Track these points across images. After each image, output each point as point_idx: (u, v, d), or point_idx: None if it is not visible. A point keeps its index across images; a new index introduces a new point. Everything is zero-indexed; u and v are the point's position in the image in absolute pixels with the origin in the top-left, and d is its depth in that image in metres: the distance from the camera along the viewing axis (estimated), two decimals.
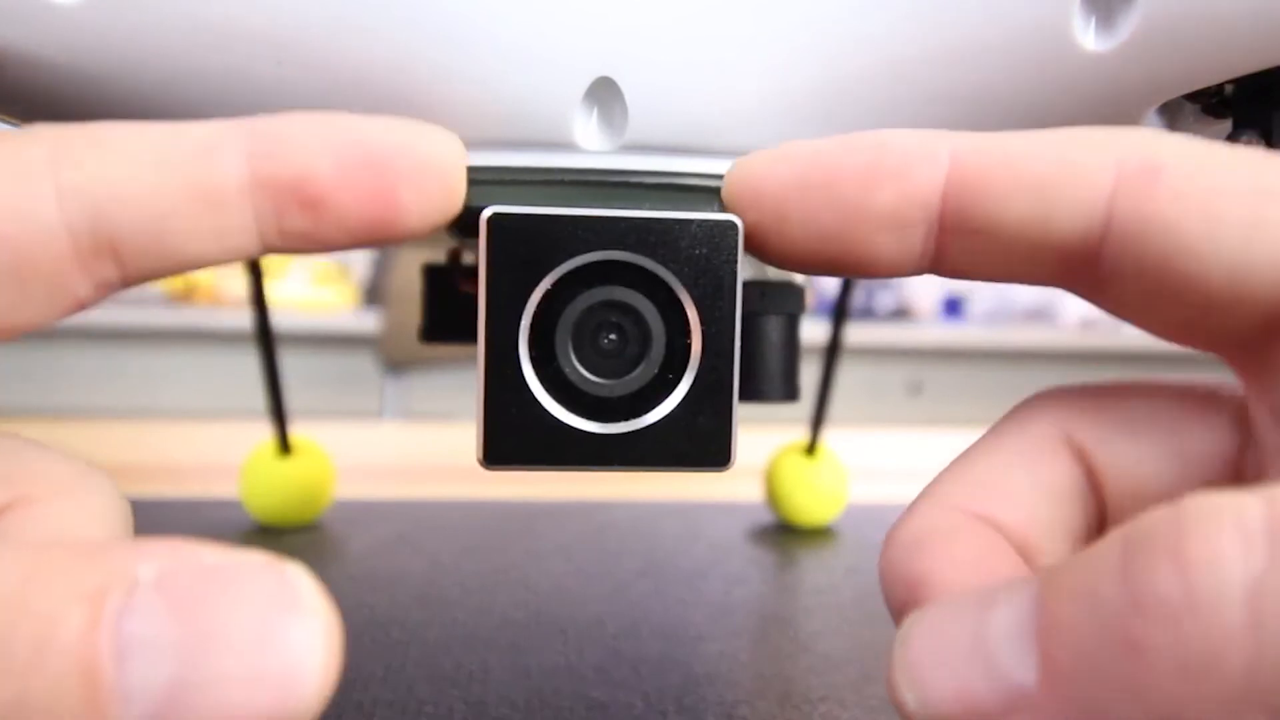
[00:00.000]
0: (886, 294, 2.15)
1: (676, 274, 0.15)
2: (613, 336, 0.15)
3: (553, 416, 0.15)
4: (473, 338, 0.15)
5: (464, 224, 0.20)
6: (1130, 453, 0.14)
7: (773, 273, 0.21)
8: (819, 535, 0.45)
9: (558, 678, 0.28)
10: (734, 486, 0.52)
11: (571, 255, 0.14)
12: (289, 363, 0.43)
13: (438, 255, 0.26)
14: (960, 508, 0.14)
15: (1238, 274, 0.12)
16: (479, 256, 0.14)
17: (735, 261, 0.15)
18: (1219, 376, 0.15)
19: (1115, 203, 0.13)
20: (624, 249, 0.15)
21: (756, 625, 0.33)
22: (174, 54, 0.16)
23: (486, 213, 0.14)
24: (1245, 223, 0.12)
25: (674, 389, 0.15)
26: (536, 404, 0.15)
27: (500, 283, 0.14)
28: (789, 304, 0.22)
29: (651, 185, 0.17)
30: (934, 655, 0.12)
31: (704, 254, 0.15)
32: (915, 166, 0.14)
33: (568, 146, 0.17)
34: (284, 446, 0.44)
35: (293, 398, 0.44)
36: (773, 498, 0.47)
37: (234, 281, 2.00)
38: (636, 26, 0.15)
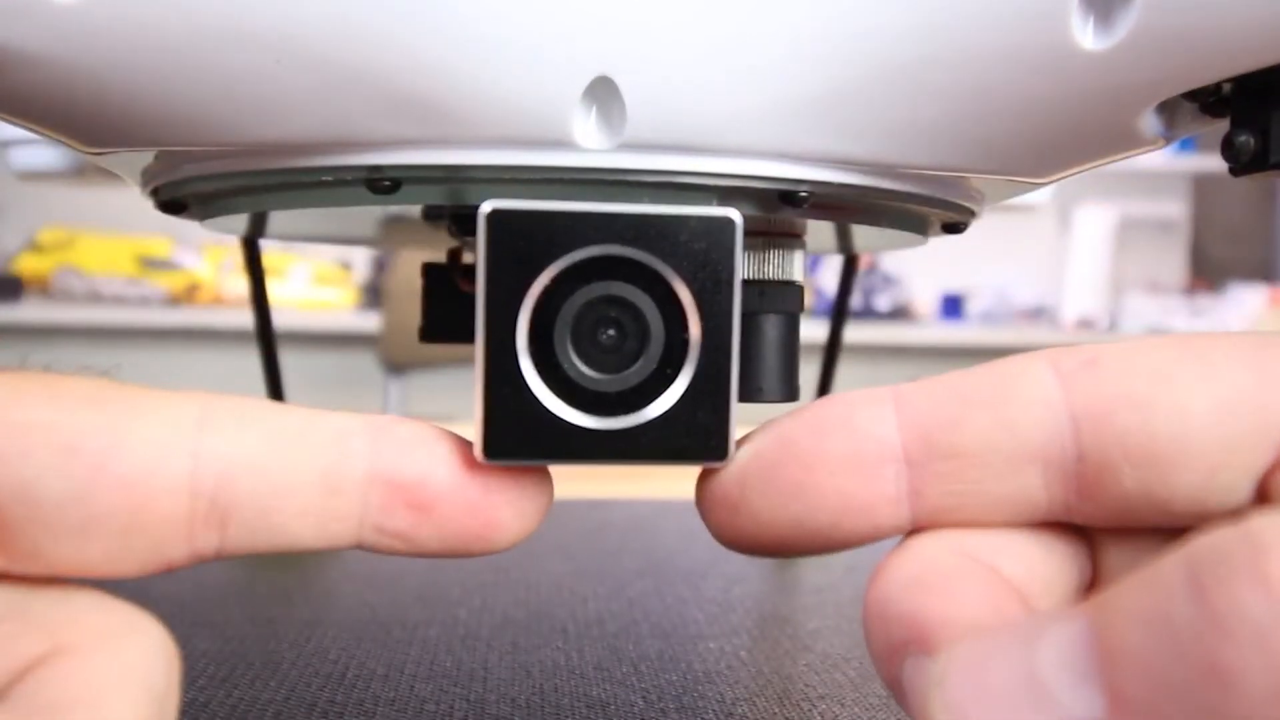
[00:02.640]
0: (885, 294, 2.15)
1: (675, 269, 0.15)
2: (611, 331, 0.15)
3: (551, 412, 0.15)
4: (472, 337, 0.15)
5: (463, 223, 0.20)
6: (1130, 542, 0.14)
7: (772, 272, 0.21)
8: None
9: (558, 676, 0.28)
10: None
11: (570, 250, 0.14)
12: (291, 363, 0.43)
13: (438, 255, 0.26)
14: (962, 552, 0.14)
15: (1224, 431, 0.12)
16: (478, 251, 0.14)
17: (734, 256, 0.15)
18: None
19: (1070, 391, 0.13)
20: (622, 244, 0.15)
21: (756, 624, 0.33)
22: (173, 54, 0.16)
23: (485, 207, 0.14)
24: (1196, 381, 0.12)
25: (672, 384, 0.15)
26: (535, 399, 0.15)
27: (499, 277, 0.14)
28: (788, 303, 0.22)
29: (650, 184, 0.17)
30: (980, 694, 0.11)
31: (703, 249, 0.15)
32: (861, 410, 0.14)
33: (566, 145, 0.17)
34: None
35: (295, 398, 0.44)
36: None
37: (235, 281, 2.00)
38: (635, 26, 0.15)
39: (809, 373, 0.26)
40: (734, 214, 0.15)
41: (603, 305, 0.15)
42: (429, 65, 0.16)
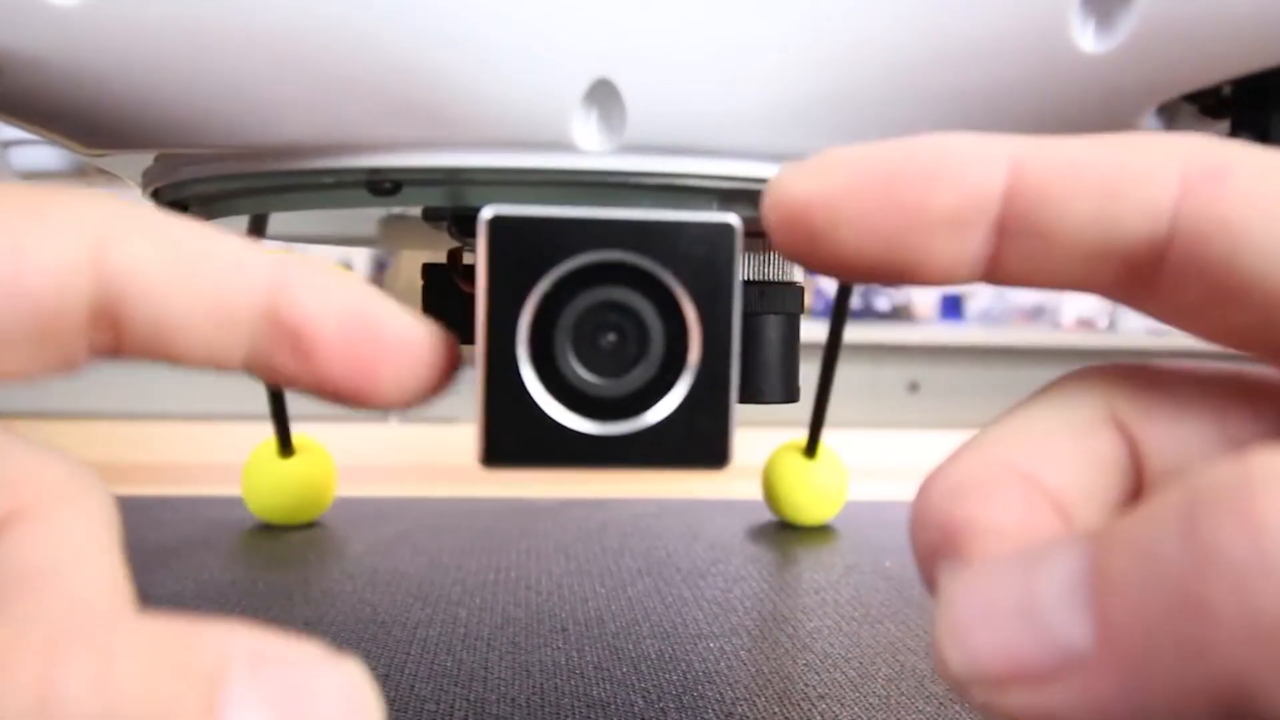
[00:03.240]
0: (885, 294, 2.15)
1: (675, 275, 0.15)
2: (611, 337, 0.15)
3: (551, 417, 0.15)
4: (473, 338, 0.15)
5: (464, 224, 0.20)
6: (1176, 433, 0.14)
7: (772, 273, 0.22)
8: (818, 534, 0.45)
9: (558, 676, 0.28)
10: (733, 486, 0.52)
11: (570, 256, 0.14)
12: None
13: (438, 255, 0.26)
14: (1003, 461, 0.14)
15: None
16: (478, 257, 0.14)
17: (733, 262, 0.15)
18: (1263, 368, 0.15)
19: (1181, 206, 0.13)
20: (623, 250, 0.15)
21: (756, 623, 0.33)
22: (174, 56, 0.16)
23: (486, 213, 0.14)
24: None
25: (672, 389, 0.15)
26: (535, 404, 0.15)
27: (499, 283, 0.14)
28: (788, 304, 0.22)
29: (650, 187, 0.18)
30: (981, 615, 0.12)
31: (702, 255, 0.15)
32: (975, 168, 0.13)
33: (567, 148, 0.17)
34: (285, 445, 0.44)
35: (296, 399, 0.44)
36: (771, 496, 0.47)
37: None
38: (635, 30, 0.15)
39: (808, 372, 0.26)
40: (733, 219, 0.15)
41: (603, 310, 0.15)
42: (430, 68, 0.16)
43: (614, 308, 0.15)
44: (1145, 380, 0.15)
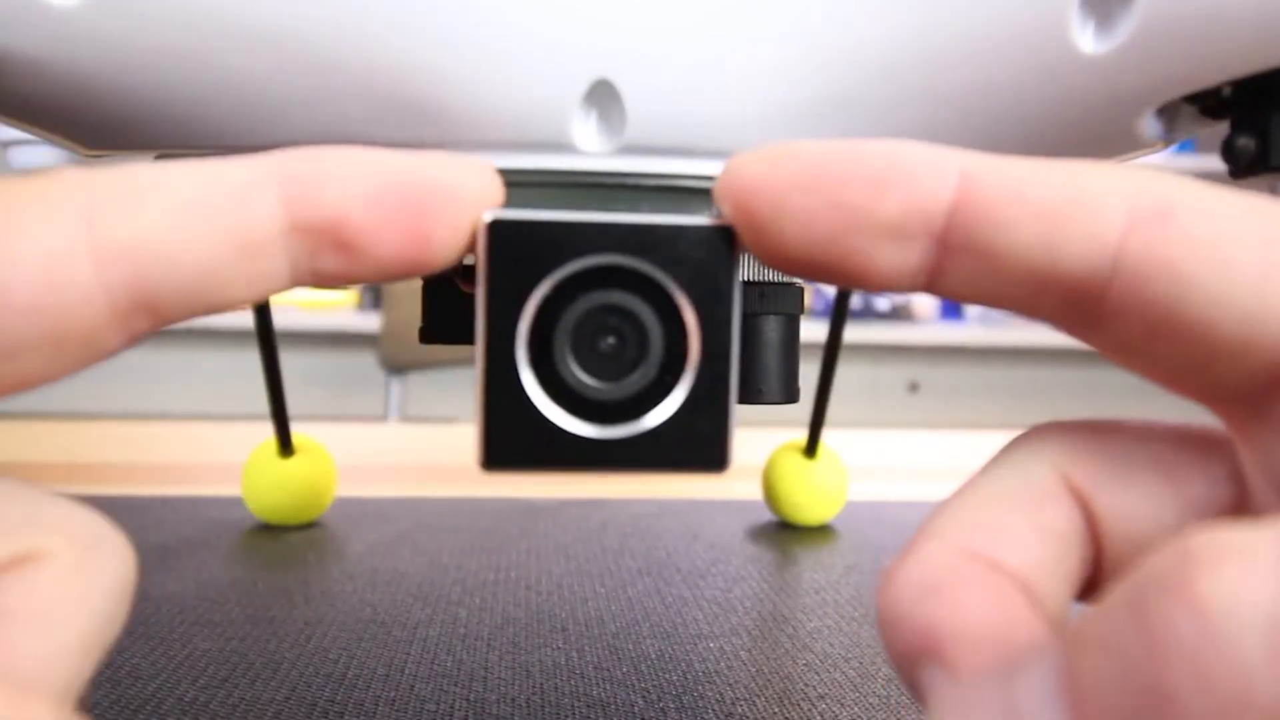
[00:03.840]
0: (884, 294, 2.15)
1: (674, 279, 0.15)
2: (611, 340, 0.15)
3: (551, 421, 0.15)
4: (472, 339, 0.15)
5: None
6: (1129, 496, 0.14)
7: (772, 273, 0.22)
8: (818, 534, 0.45)
9: (558, 676, 0.28)
10: (733, 486, 0.52)
11: (570, 260, 0.15)
12: (291, 363, 0.43)
13: None
14: (964, 550, 0.14)
15: (1248, 323, 0.12)
16: (478, 261, 0.14)
17: (733, 267, 0.15)
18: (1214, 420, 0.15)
19: (1126, 243, 0.13)
20: (622, 254, 0.15)
21: (756, 623, 0.33)
22: (172, 55, 0.16)
23: (486, 217, 0.14)
24: (1258, 271, 0.12)
25: (672, 392, 0.15)
26: (534, 408, 0.15)
27: (499, 287, 0.14)
28: (788, 304, 0.22)
29: (649, 188, 0.18)
30: None
31: (702, 259, 0.15)
32: (924, 178, 0.13)
33: (566, 148, 0.17)
34: (285, 445, 0.44)
35: (295, 398, 0.44)
36: (771, 496, 0.47)
37: None
38: (635, 30, 0.15)
39: (807, 371, 0.26)
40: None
41: (602, 314, 0.15)
42: (429, 69, 0.16)
43: (613, 311, 0.15)
44: (1096, 442, 0.15)
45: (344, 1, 0.15)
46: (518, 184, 0.18)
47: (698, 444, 0.15)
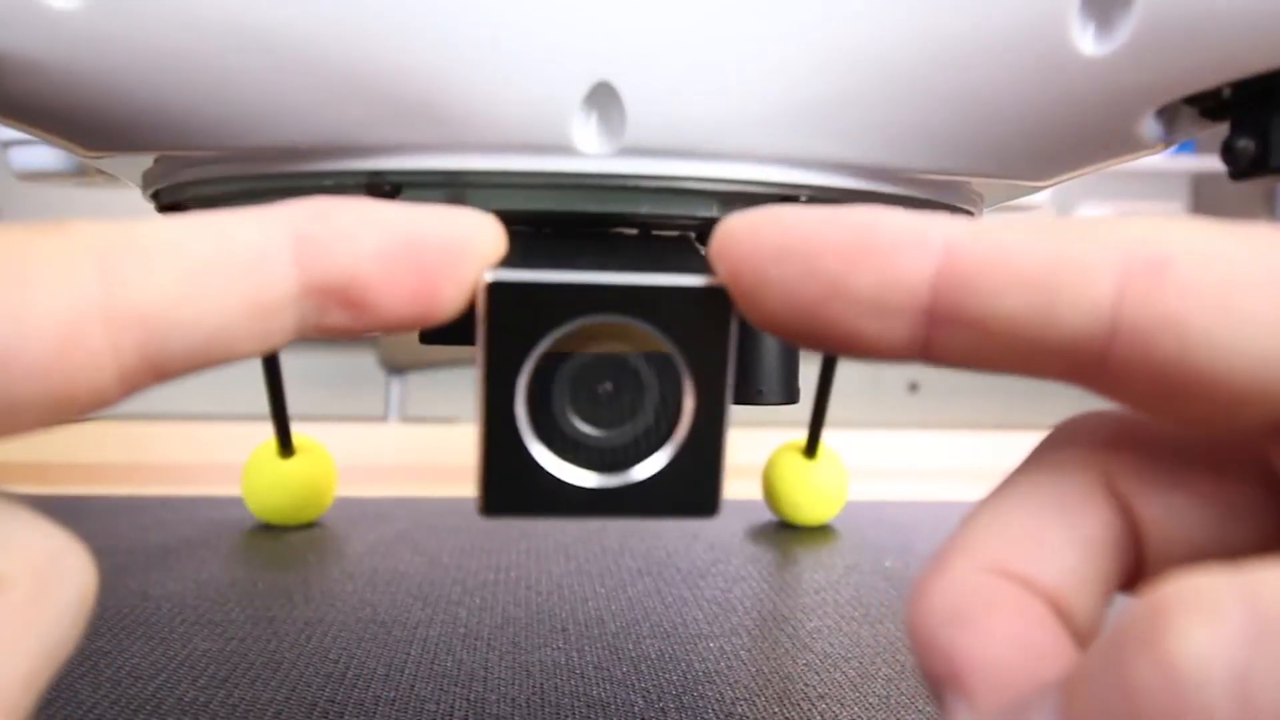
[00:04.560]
0: None
1: (671, 338, 0.15)
2: (608, 388, 0.15)
3: (548, 471, 0.15)
4: (470, 339, 0.15)
5: None
6: (1173, 503, 0.14)
7: None
8: (818, 534, 0.45)
9: (558, 676, 0.28)
10: (733, 486, 0.52)
11: (568, 320, 0.15)
12: (291, 362, 0.43)
13: None
14: (993, 567, 0.14)
15: (1264, 370, 0.12)
16: (478, 318, 0.15)
17: (727, 326, 0.15)
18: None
19: (1122, 301, 0.12)
20: (620, 314, 0.15)
21: (756, 623, 0.33)
22: (173, 57, 0.16)
23: (486, 277, 0.15)
24: (1266, 316, 0.12)
25: (666, 443, 0.15)
26: (532, 459, 0.15)
27: (498, 345, 0.15)
28: None
29: (649, 189, 0.18)
30: None
31: (698, 319, 0.15)
32: (903, 251, 0.13)
33: (567, 150, 0.17)
34: (285, 445, 0.44)
35: (295, 398, 0.44)
36: (771, 496, 0.47)
37: None
38: (635, 32, 0.15)
39: (807, 371, 0.26)
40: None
41: (600, 366, 0.15)
42: (430, 71, 0.16)
43: (611, 364, 0.15)
44: (1139, 442, 0.14)
45: (344, 4, 0.15)
46: (518, 185, 0.18)
47: (690, 491, 0.16)
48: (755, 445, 0.48)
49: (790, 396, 0.22)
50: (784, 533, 0.45)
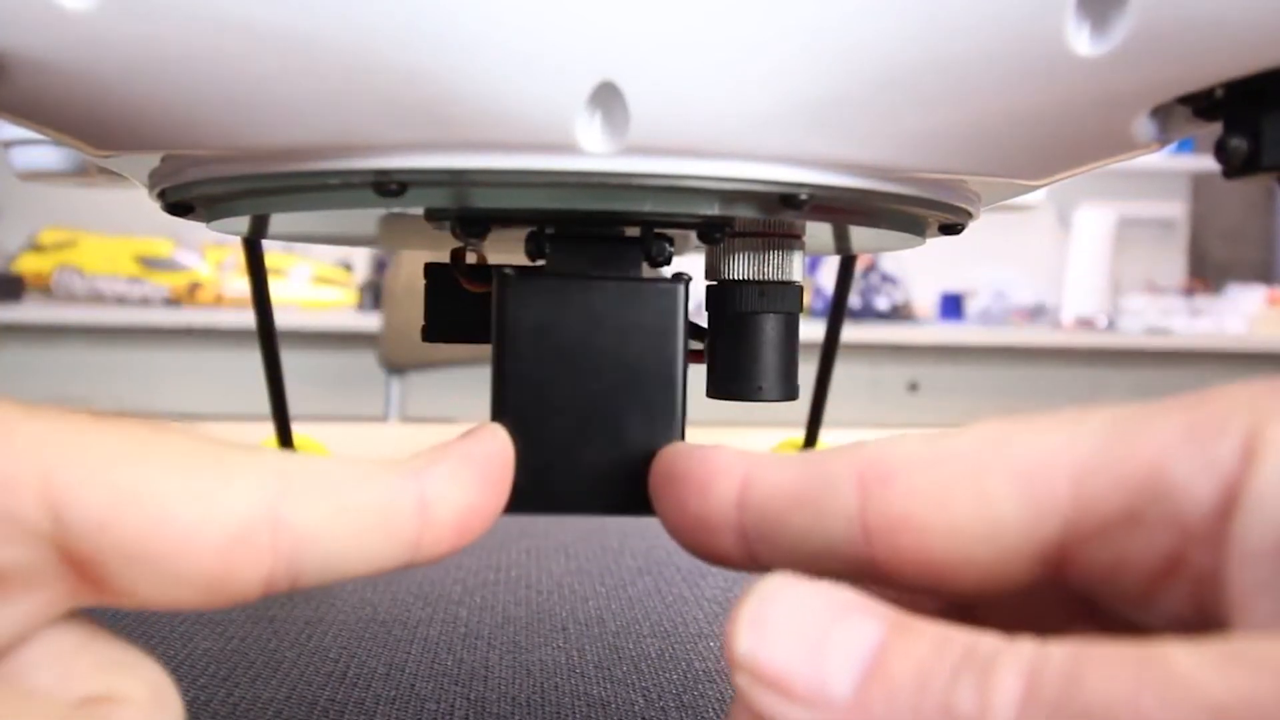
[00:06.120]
0: (885, 293, 2.15)
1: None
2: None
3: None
4: (475, 335, 0.15)
5: (467, 224, 0.20)
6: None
7: (771, 272, 0.22)
8: None
9: (558, 675, 0.29)
10: None
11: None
12: (291, 362, 0.43)
13: (438, 254, 0.26)
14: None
15: (982, 543, 0.14)
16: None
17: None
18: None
19: (864, 511, 0.14)
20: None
21: None
22: (184, 58, 0.16)
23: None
24: (966, 503, 0.14)
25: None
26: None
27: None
28: (787, 303, 0.22)
29: (652, 188, 0.18)
30: (787, 624, 0.13)
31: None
32: (716, 484, 0.16)
33: (571, 149, 0.17)
34: (285, 445, 0.44)
35: (295, 398, 0.44)
36: None
37: (236, 281, 2.00)
38: (639, 32, 0.16)
39: (806, 371, 0.26)
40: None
41: None
42: (435, 70, 0.16)
43: None
44: None
45: (352, 4, 0.15)
46: (522, 185, 0.18)
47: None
48: (754, 443, 0.48)
49: (789, 393, 0.23)
50: None
